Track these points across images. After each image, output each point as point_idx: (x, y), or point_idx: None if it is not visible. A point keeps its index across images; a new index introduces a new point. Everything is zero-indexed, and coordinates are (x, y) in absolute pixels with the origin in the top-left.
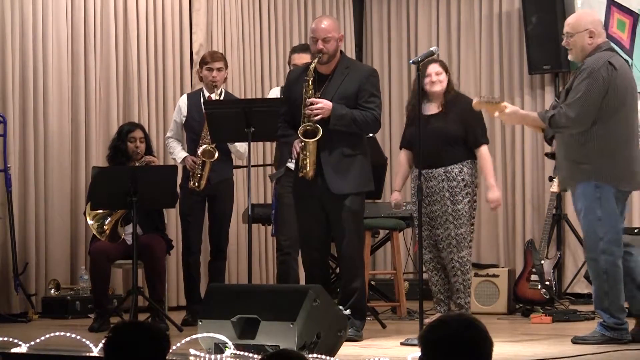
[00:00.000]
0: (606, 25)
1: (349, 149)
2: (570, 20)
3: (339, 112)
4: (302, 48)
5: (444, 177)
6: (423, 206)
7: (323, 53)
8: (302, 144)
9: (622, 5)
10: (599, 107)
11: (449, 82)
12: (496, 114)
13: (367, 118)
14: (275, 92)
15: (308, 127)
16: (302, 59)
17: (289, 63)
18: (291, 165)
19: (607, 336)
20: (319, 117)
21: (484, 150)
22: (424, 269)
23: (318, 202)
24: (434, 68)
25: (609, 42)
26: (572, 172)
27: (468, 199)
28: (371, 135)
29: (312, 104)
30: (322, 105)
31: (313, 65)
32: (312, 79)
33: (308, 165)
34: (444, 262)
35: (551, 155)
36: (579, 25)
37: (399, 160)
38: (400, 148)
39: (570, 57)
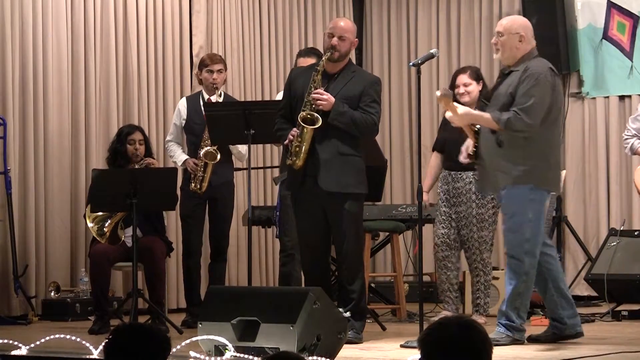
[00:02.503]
0: (606, 28)
1: (344, 147)
2: (503, 21)
3: (340, 109)
4: (308, 52)
5: (472, 179)
6: (449, 206)
7: (336, 50)
8: (300, 130)
9: (622, 7)
10: None
11: (482, 90)
12: (448, 113)
13: (367, 121)
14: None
15: (309, 116)
16: (308, 62)
17: (295, 66)
18: None
19: (512, 337)
20: (320, 107)
21: None
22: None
23: (317, 203)
24: (462, 79)
25: (535, 49)
26: (507, 173)
27: (493, 204)
28: None
29: (317, 93)
30: (327, 97)
31: (325, 58)
32: (321, 70)
33: (300, 153)
34: (467, 261)
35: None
36: (512, 27)
37: (431, 163)
38: (433, 150)
39: (497, 56)
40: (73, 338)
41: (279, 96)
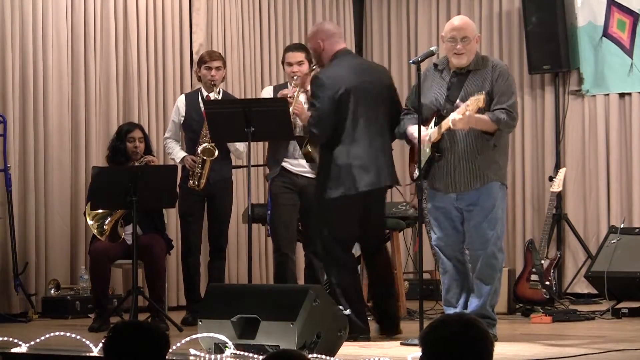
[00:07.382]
0: (606, 25)
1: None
2: (464, 25)
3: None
4: (296, 47)
5: None
6: None
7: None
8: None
9: (622, 4)
10: None
11: None
12: (457, 115)
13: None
14: (267, 92)
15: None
16: (296, 57)
17: (283, 62)
18: (286, 164)
19: (494, 334)
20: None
21: None
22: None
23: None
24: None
25: None
26: (485, 172)
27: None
28: None
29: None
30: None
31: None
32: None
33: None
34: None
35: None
36: (474, 30)
37: None
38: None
39: (460, 62)
40: (73, 336)
41: (265, 92)
